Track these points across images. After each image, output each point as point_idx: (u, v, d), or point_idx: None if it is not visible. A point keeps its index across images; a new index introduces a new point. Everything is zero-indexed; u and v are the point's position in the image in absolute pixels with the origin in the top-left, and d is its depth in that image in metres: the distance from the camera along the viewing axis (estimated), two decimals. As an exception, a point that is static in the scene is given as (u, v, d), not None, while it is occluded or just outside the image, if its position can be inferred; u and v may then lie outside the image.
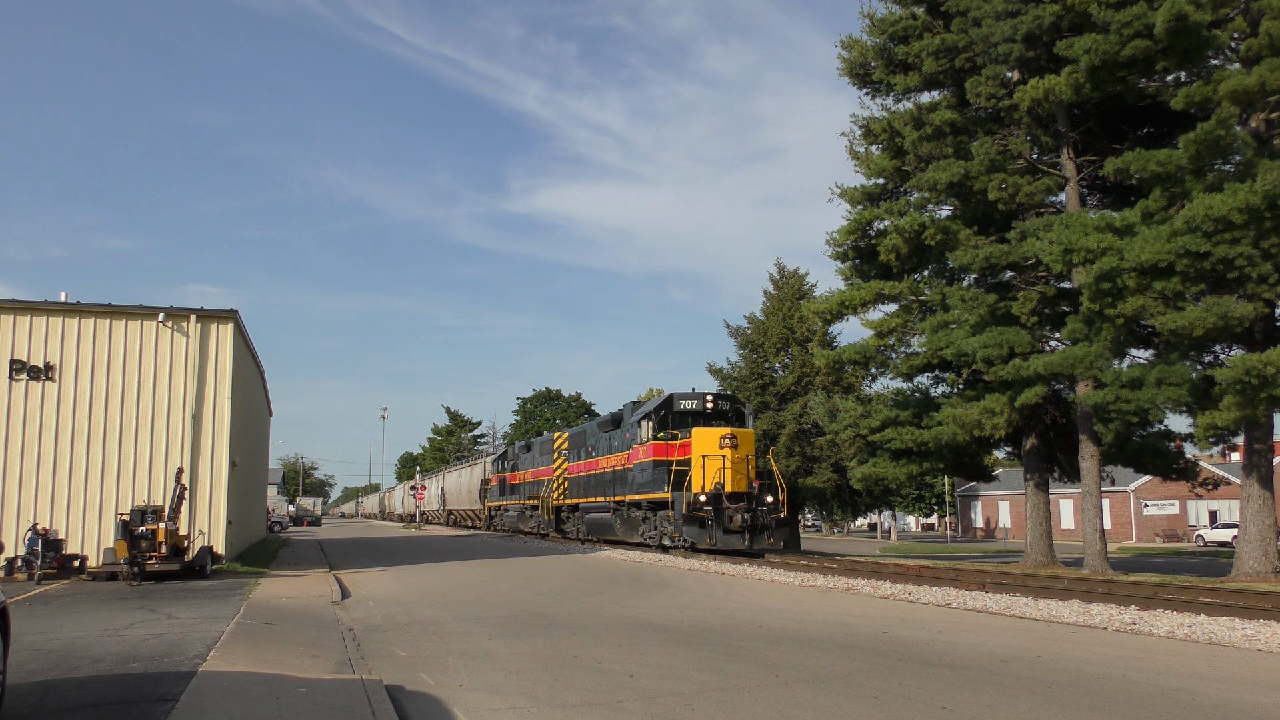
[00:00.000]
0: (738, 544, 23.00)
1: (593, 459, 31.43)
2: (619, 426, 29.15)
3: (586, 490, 31.86)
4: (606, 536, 30.16)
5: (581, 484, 32.61)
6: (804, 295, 47.24)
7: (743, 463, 23.91)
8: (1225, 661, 8.36)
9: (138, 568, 16.69)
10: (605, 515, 29.37)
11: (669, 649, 9.32)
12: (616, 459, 28.69)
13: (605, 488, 29.66)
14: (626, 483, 27.53)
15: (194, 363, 19.78)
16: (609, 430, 29.97)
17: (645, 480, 25.89)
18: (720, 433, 24.05)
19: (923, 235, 24.49)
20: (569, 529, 34.66)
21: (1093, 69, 20.05)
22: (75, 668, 7.98)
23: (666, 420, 25.75)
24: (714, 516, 22.87)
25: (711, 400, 26.14)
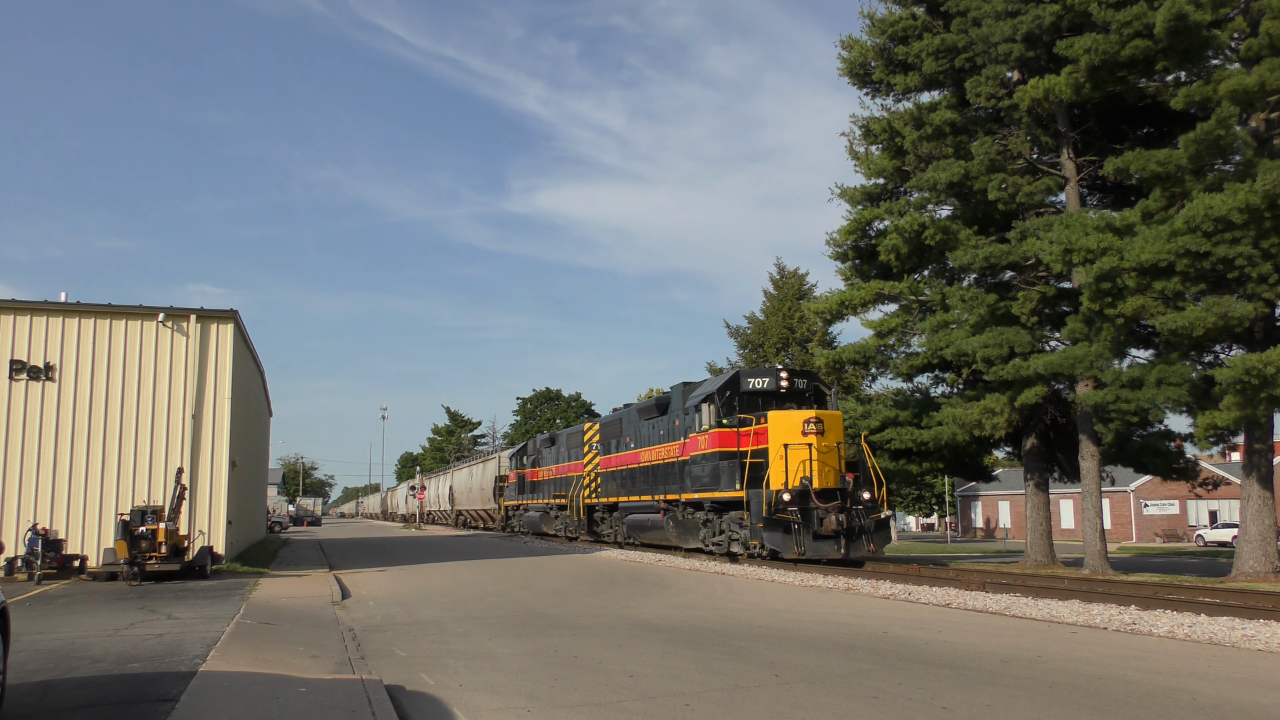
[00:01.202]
0: (832, 551, 19.03)
1: (631, 451, 27.51)
2: (665, 413, 25.09)
3: (626, 487, 27.82)
4: (654, 541, 26.16)
5: (618, 480, 28.61)
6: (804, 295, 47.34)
7: (832, 452, 19.97)
8: (1225, 661, 8.36)
9: (138, 568, 16.69)
10: (653, 516, 25.30)
11: (669, 649, 9.32)
12: (664, 450, 24.79)
13: (651, 484, 25.67)
14: (680, 478, 23.51)
15: (194, 363, 19.78)
16: (652, 417, 25.93)
17: (706, 475, 21.82)
18: (803, 416, 19.97)
19: (923, 235, 24.50)
20: (604, 531, 30.75)
21: (1093, 69, 20.05)
22: (75, 668, 7.98)
23: (732, 403, 21.44)
24: (801, 519, 18.90)
25: (786, 377, 21.79)
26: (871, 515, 19.62)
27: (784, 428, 19.95)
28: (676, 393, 24.86)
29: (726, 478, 20.91)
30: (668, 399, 25.36)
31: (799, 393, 21.84)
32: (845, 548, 19.09)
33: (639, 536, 26.98)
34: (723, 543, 21.62)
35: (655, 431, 25.65)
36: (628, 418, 28.22)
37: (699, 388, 23.57)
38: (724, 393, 21.65)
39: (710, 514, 22.14)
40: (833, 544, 19.07)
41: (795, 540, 18.88)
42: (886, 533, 20.48)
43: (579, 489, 32.02)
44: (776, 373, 21.90)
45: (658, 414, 25.50)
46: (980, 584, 15.07)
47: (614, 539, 29.51)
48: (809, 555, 18.98)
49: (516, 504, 42.24)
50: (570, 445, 34.41)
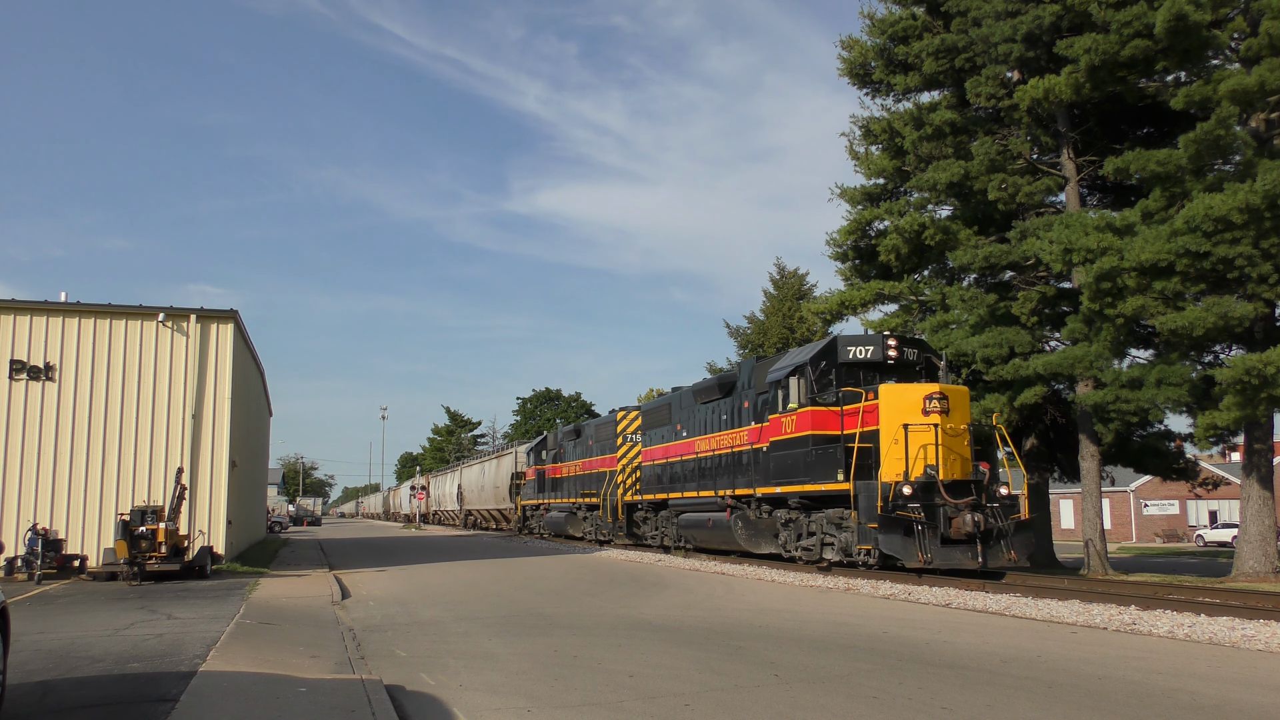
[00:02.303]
0: (965, 560, 15.53)
1: (683, 440, 23.98)
2: (730, 394, 21.62)
3: (677, 481, 24.24)
4: (714, 545, 22.49)
5: (667, 474, 24.96)
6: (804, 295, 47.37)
7: (960, 436, 16.63)
8: (1225, 661, 8.36)
9: (138, 568, 16.69)
10: (715, 515, 21.67)
11: (669, 649, 9.32)
12: (729, 438, 21.24)
13: (711, 478, 22.12)
14: (753, 469, 19.79)
15: (194, 363, 19.78)
16: (712, 400, 22.42)
17: (793, 464, 18.06)
18: (923, 390, 16.57)
19: (923, 235, 24.50)
20: (647, 533, 27.05)
21: (1093, 69, 20.06)
22: (75, 668, 7.98)
23: (827, 377, 17.85)
24: (925, 518, 15.47)
25: (895, 346, 18.08)
26: (1011, 515, 16.16)
27: (900, 405, 16.43)
28: (746, 369, 21.19)
29: (823, 467, 17.08)
30: (732, 377, 21.90)
31: (908, 365, 18.12)
32: (982, 555, 15.53)
33: (694, 539, 23.49)
34: (813, 547, 18.03)
35: (716, 416, 22.16)
36: (678, 402, 24.81)
37: (779, 361, 19.64)
38: (818, 363, 17.82)
39: (795, 512, 18.58)
40: (966, 550, 15.51)
41: (919, 544, 15.25)
42: (1029, 536, 16.56)
43: (613, 486, 28.25)
44: (883, 340, 18.12)
45: (719, 395, 21.96)
46: (980, 584, 15.07)
47: (660, 542, 26.06)
48: (937, 564, 15.41)
49: (536, 503, 38.85)
50: (600, 437, 30.86)
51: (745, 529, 20.41)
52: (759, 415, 19.84)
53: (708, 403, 22.71)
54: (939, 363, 18.53)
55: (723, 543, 21.72)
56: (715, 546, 22.68)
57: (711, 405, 22.51)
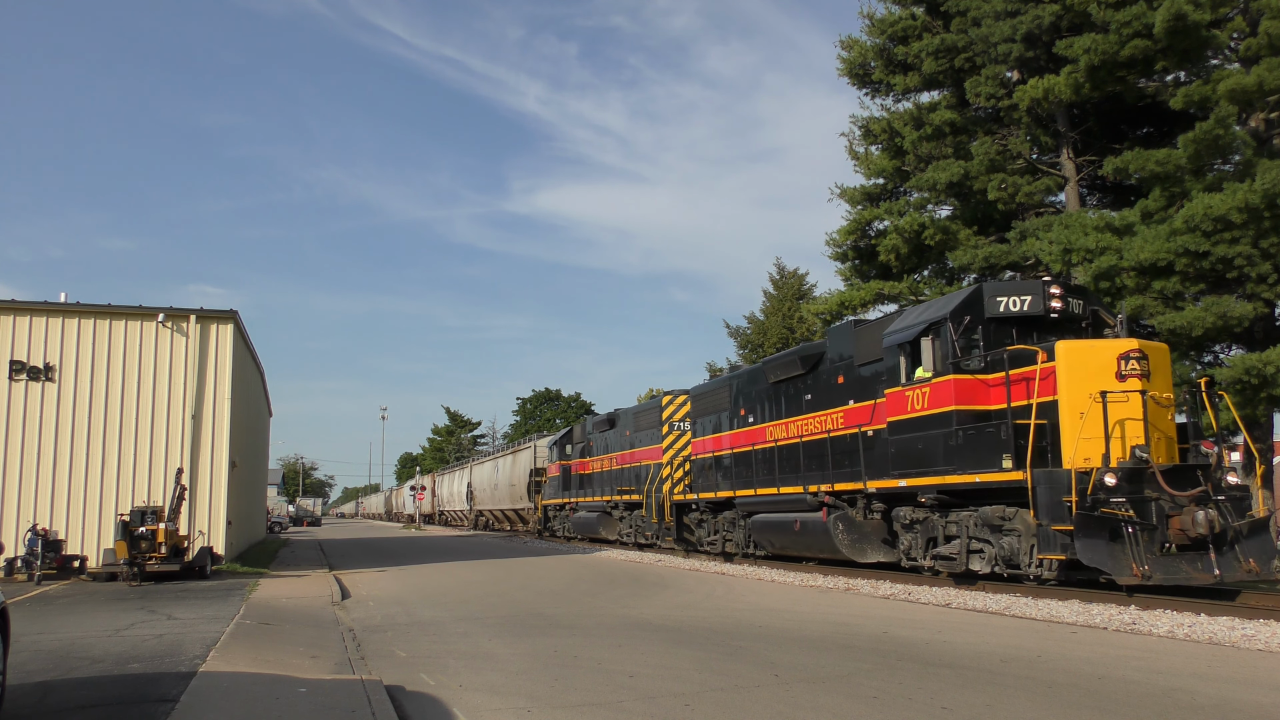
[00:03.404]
0: (1195, 574, 11.69)
1: (751, 427, 20.55)
2: (814, 368, 18.14)
3: (743, 476, 20.64)
4: (801, 551, 18.45)
5: (733, 467, 21.32)
6: (804, 295, 47.34)
7: (1167, 409, 13.16)
8: (1225, 661, 8.36)
9: (138, 568, 16.70)
10: (804, 516, 17.59)
11: (669, 649, 9.32)
12: (816, 421, 17.86)
13: (792, 471, 18.40)
14: (857, 458, 16.16)
15: (194, 363, 19.78)
16: (790, 377, 18.83)
17: (927, 450, 14.25)
18: (1117, 348, 12.57)
19: (923, 235, 24.51)
20: (703, 537, 23.31)
21: (1092, 69, 20.07)
22: (75, 668, 7.98)
23: (972, 335, 14.03)
24: (1136, 516, 11.67)
25: (1059, 295, 13.92)
26: (1247, 513, 12.32)
27: (1086, 367, 12.50)
28: (839, 336, 17.60)
29: (975, 451, 13.32)
30: (816, 349, 18.38)
31: (1073, 320, 14.07)
32: (1218, 566, 11.67)
33: (772, 545, 19.42)
34: (955, 555, 14.20)
35: (797, 397, 18.68)
36: (741, 382, 21.54)
37: (897, 321, 15.70)
38: (960, 318, 13.89)
39: (922, 511, 15.04)
40: (1197, 560, 11.73)
41: (1131, 552, 11.49)
42: (1268, 540, 12.35)
43: (657, 481, 24.73)
44: (1043, 288, 13.99)
45: (800, 371, 18.47)
46: (980, 584, 15.06)
47: (720, 549, 22.24)
48: (1157, 579, 11.48)
49: (560, 503, 34.95)
50: (641, 426, 27.21)
51: (849, 533, 16.42)
52: (863, 391, 16.41)
53: (785, 381, 19.10)
54: (1110, 321, 14.11)
55: (816, 549, 17.68)
56: (802, 553, 18.66)
57: (789, 384, 18.97)
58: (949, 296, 15.29)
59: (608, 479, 29.52)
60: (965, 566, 14.15)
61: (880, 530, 16.43)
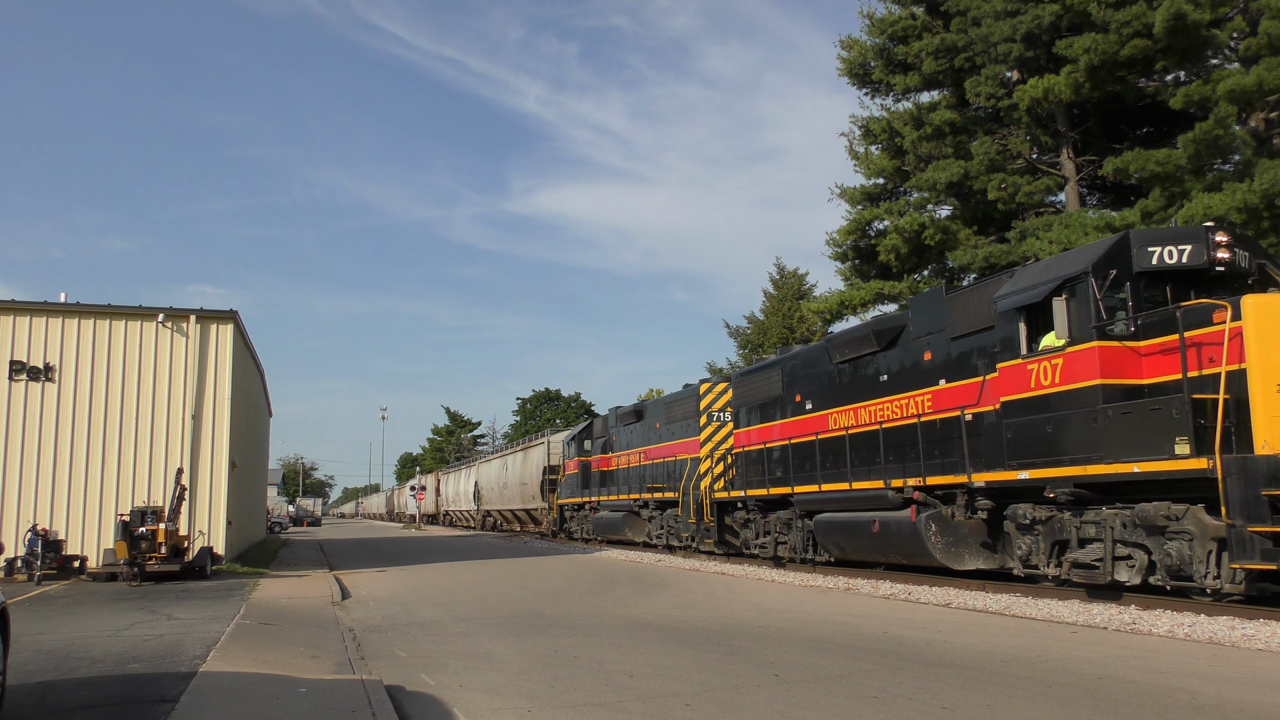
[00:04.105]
0: None
1: (810, 414, 18.10)
2: (893, 344, 15.83)
3: (803, 470, 18.04)
4: (884, 557, 15.90)
5: (784, 460, 18.79)
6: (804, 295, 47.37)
7: None
8: (1225, 661, 8.35)
9: (138, 568, 16.69)
10: (886, 516, 15.08)
11: (669, 649, 9.32)
12: (897, 405, 15.51)
13: (866, 464, 16.09)
14: (952, 446, 14.00)
15: (194, 363, 19.78)
16: (862, 355, 16.59)
17: (1060, 434, 11.91)
18: None
19: (923, 235, 24.52)
20: (749, 539, 20.63)
21: (1092, 69, 20.08)
22: (75, 668, 7.98)
23: (1118, 292, 11.75)
24: None
25: (1225, 243, 11.72)
26: None
27: None
28: (927, 304, 15.04)
29: (1132, 434, 11.01)
30: (895, 322, 16.09)
31: (1240, 275, 11.90)
32: None
33: (842, 549, 16.94)
34: (1099, 563, 11.68)
35: (870, 378, 16.41)
36: (798, 365, 19.03)
37: (1014, 280, 13.23)
38: (1104, 273, 11.62)
39: (1046, 509, 12.53)
40: None
41: None
42: None
43: (695, 478, 22.47)
44: (1206, 235, 11.76)
45: (875, 348, 16.18)
46: (979, 584, 15.05)
47: (771, 551, 19.50)
48: None
49: (578, 502, 32.65)
50: (673, 417, 25.21)
51: (944, 535, 14.03)
52: (960, 368, 14.12)
53: (853, 360, 16.87)
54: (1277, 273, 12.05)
55: (898, 554, 15.17)
56: (879, 558, 16.14)
57: (859, 364, 16.75)
58: (1084, 248, 12.78)
59: (634, 476, 27.37)
60: (1110, 577, 11.54)
61: (979, 532, 13.99)
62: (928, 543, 14.09)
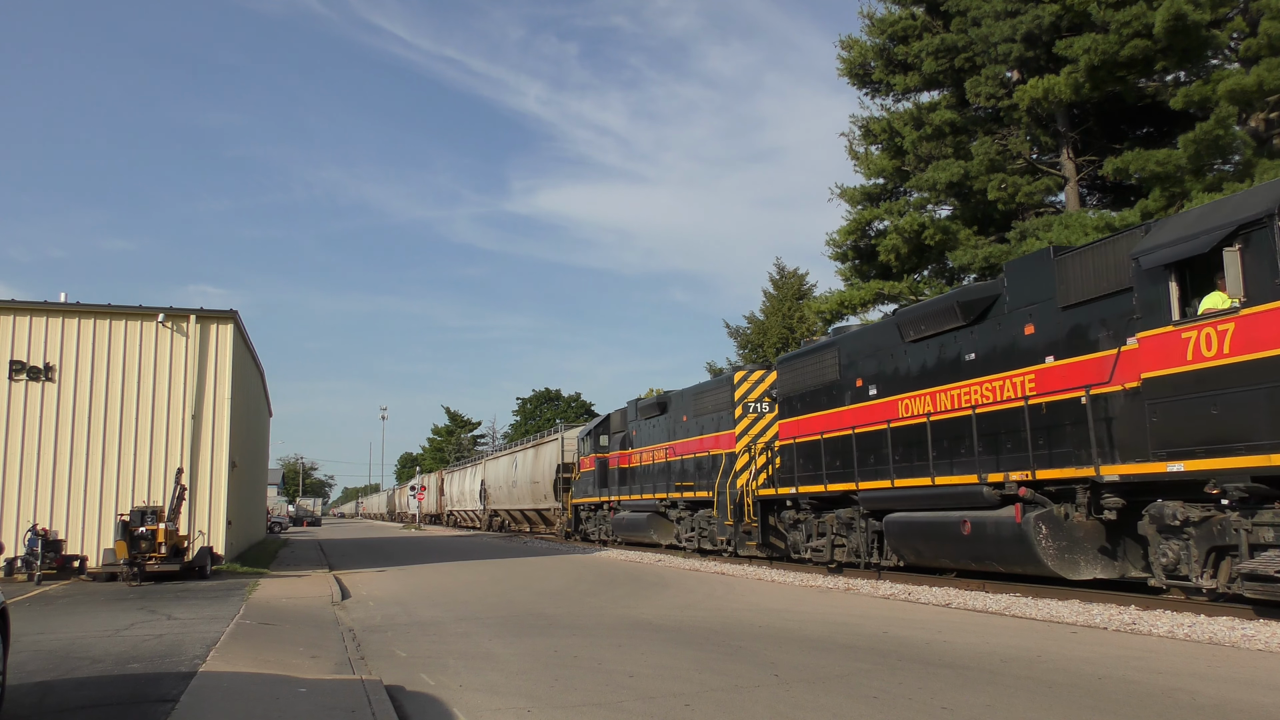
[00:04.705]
0: None
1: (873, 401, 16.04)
2: (981, 318, 13.71)
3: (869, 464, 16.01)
4: (978, 564, 13.58)
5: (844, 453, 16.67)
6: (804, 295, 47.36)
7: None
8: (1225, 661, 8.35)
9: (137, 568, 16.69)
10: (980, 516, 13.09)
11: (669, 649, 9.32)
12: (986, 388, 13.39)
13: (948, 456, 14.08)
14: (1067, 434, 12.01)
15: (194, 363, 19.78)
16: (943, 330, 14.38)
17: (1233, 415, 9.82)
18: None
19: (923, 235, 24.52)
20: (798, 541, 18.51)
21: (1092, 69, 20.08)
22: (75, 668, 7.98)
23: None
24: None
25: None
26: None
27: None
28: (1032, 270, 12.84)
29: None
30: (987, 294, 13.70)
31: None
32: None
33: (919, 553, 14.78)
34: None
35: (953, 357, 14.25)
36: (859, 345, 16.90)
37: (1153, 234, 11.10)
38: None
39: (1205, 509, 10.39)
40: None
41: None
42: None
43: (731, 474, 20.53)
44: None
45: (962, 322, 13.98)
46: (980, 584, 15.05)
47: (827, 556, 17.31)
48: None
49: (596, 501, 30.70)
50: (703, 409, 23.12)
51: (1055, 539, 12.01)
52: (1074, 341, 12.11)
53: (930, 338, 14.80)
54: None
55: (996, 560, 13.03)
56: (968, 565, 13.90)
57: (939, 341, 14.61)
58: (1263, 186, 10.36)
59: (658, 473, 25.40)
60: None
61: (1096, 535, 12.06)
62: (1036, 548, 12.08)
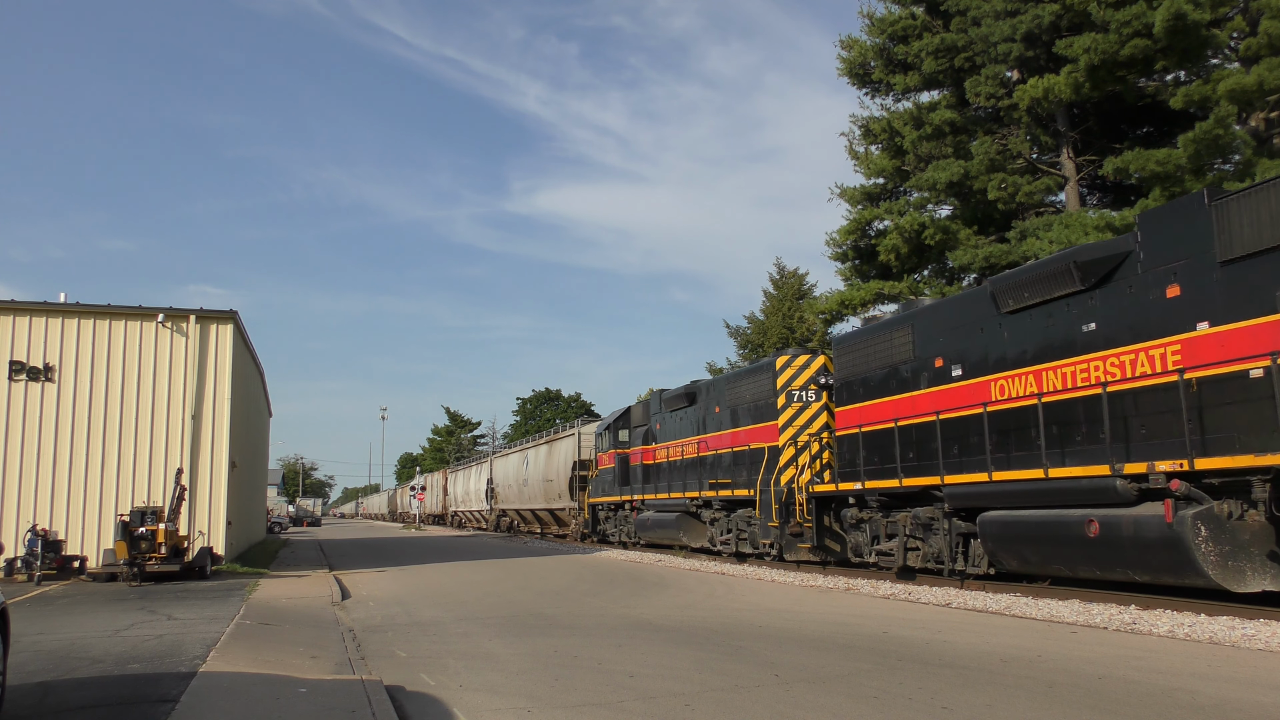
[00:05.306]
0: None
1: (958, 383, 14.05)
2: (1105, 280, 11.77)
3: (954, 455, 13.97)
4: (1118, 573, 11.31)
5: (921, 443, 14.74)
6: (804, 295, 47.34)
7: None
8: (1225, 661, 8.35)
9: (137, 568, 16.69)
10: (1116, 515, 11.06)
11: (669, 649, 9.32)
12: (1115, 362, 11.61)
13: (1071, 441, 12.09)
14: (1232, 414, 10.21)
15: (193, 363, 19.78)
16: (1056, 297, 12.41)
17: None
18: None
19: (923, 235, 24.52)
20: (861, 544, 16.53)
21: (1092, 68, 20.08)
22: (75, 668, 7.98)
23: None
24: None
25: None
26: None
27: None
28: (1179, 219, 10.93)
29: None
30: (1114, 252, 11.71)
31: None
32: None
33: (1026, 559, 12.62)
34: None
35: (1066, 328, 12.22)
36: (938, 319, 14.85)
37: None
38: None
39: None
40: None
41: None
42: None
43: (776, 470, 18.71)
44: None
45: (1080, 286, 11.98)
46: (980, 584, 15.05)
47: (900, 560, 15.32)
48: None
49: (617, 501, 28.55)
50: (739, 399, 21.25)
51: (1217, 542, 10.10)
52: (1241, 304, 10.12)
53: (1032, 308, 12.77)
54: None
55: (1135, 568, 10.99)
56: (1097, 574, 11.57)
57: (1051, 309, 12.51)
58: None
59: (687, 470, 23.50)
60: None
61: (1266, 538, 10.23)
62: (1194, 553, 10.11)
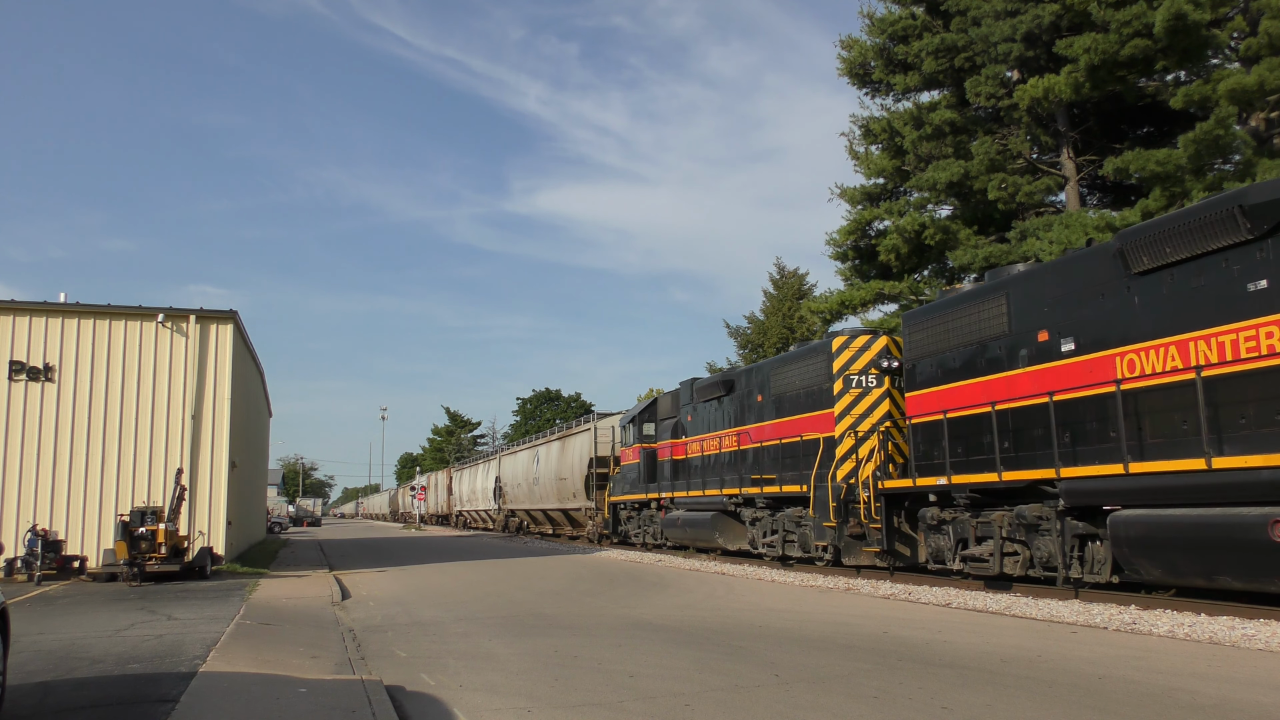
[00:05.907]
0: None
1: (1074, 359, 12.08)
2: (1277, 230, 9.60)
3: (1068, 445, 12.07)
4: None
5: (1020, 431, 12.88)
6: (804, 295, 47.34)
7: None
8: (1225, 661, 8.35)
9: (137, 568, 16.69)
10: None
11: (669, 649, 9.32)
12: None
13: (1225, 426, 10.09)
14: None
15: (193, 363, 19.78)
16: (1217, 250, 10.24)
17: None
18: None
19: (923, 235, 24.52)
20: (942, 549, 14.46)
21: (1092, 68, 20.07)
22: (75, 668, 7.98)
23: None
24: None
25: None
26: None
27: None
28: None
29: None
30: None
31: None
32: None
33: (1178, 570, 10.67)
34: None
35: (1228, 286, 10.19)
36: (1046, 284, 12.82)
37: None
38: None
39: None
40: None
41: None
42: None
43: (832, 464, 16.88)
44: None
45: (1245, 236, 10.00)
46: (979, 584, 15.05)
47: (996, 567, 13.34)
48: None
49: (641, 499, 26.44)
50: (785, 386, 19.14)
51: None
52: None
53: (1176, 265, 10.73)
54: None
55: None
56: (1273, 589, 9.83)
57: (1195, 267, 10.52)
58: None
59: (724, 465, 21.48)
60: None
61: None
62: None
